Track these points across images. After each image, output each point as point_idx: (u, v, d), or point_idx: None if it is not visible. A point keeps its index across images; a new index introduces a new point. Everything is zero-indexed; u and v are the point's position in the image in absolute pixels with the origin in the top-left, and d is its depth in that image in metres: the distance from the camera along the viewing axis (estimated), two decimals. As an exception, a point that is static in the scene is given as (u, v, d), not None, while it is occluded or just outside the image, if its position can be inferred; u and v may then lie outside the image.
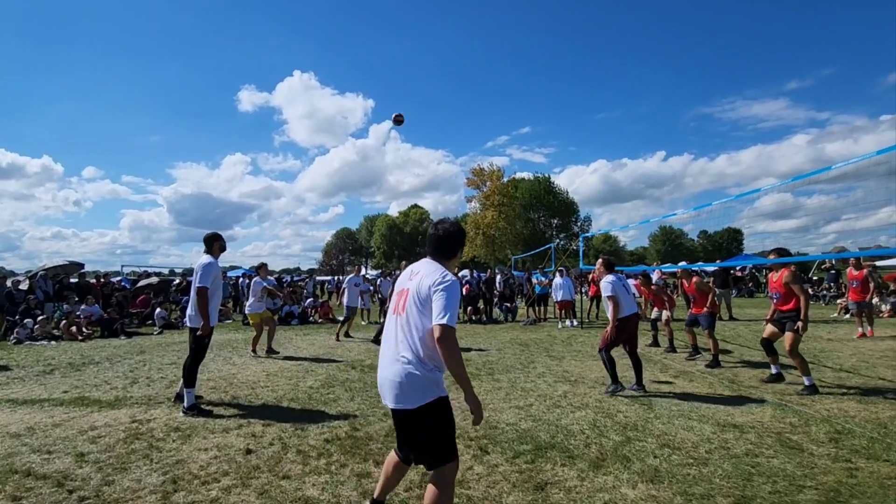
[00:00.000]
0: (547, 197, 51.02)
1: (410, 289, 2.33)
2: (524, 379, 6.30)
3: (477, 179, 44.44)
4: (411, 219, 68.13)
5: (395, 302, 2.42)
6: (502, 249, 45.59)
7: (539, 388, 5.83)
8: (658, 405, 4.97)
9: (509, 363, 7.40)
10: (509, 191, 44.43)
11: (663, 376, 6.38)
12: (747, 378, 6.20)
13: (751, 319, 12.87)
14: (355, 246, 78.26)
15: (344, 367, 7.28)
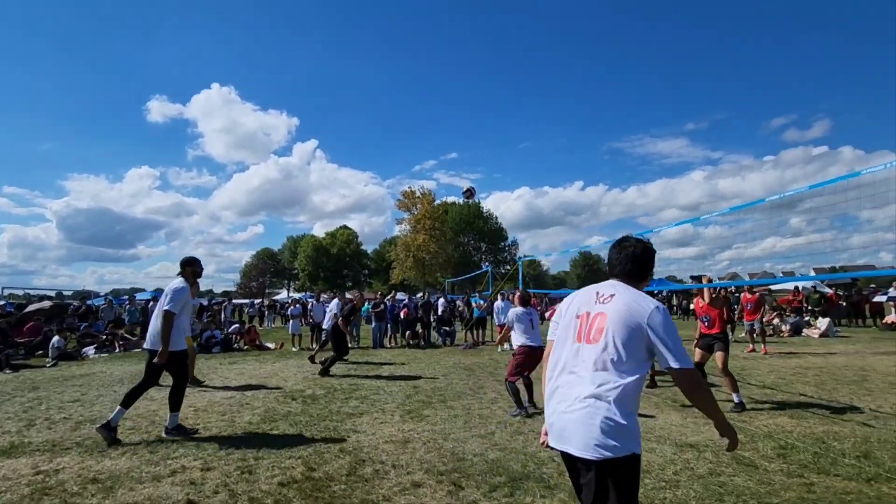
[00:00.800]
0: (477, 221, 52.24)
1: (608, 314, 1.90)
2: (479, 405, 6.15)
3: (407, 202, 44.49)
4: (339, 240, 66.46)
5: (577, 328, 1.97)
6: (432, 272, 45.69)
7: (496, 414, 5.71)
8: (615, 427, 5.04)
9: (459, 389, 7.23)
10: (440, 214, 44.90)
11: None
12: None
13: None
14: (278, 267, 74.70)
15: (283, 398, 6.70)
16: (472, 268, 48.62)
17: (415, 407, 6.07)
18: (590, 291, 2.07)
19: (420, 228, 42.92)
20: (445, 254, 44.39)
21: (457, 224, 50.95)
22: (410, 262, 42.64)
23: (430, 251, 43.07)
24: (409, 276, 45.34)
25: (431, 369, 9.25)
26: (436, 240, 42.83)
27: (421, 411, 5.85)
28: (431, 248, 42.80)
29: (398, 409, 6.00)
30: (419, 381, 7.99)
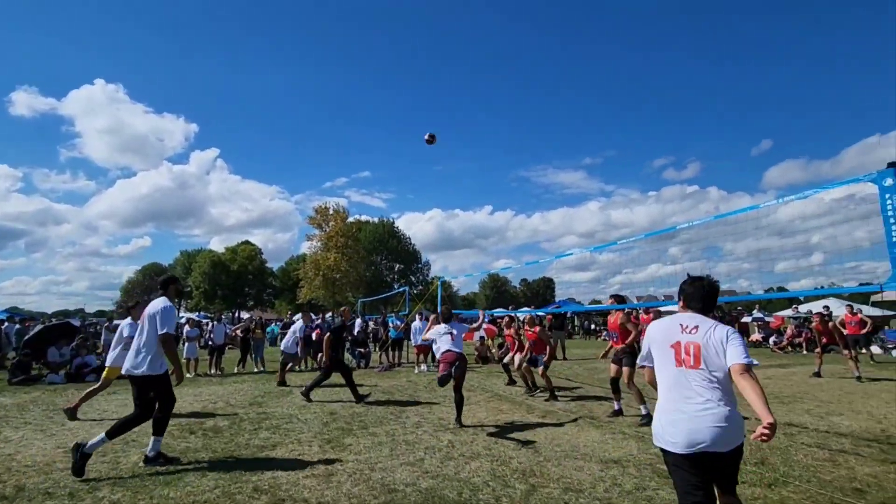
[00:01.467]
0: (390, 241, 51.81)
1: (701, 343, 2.43)
2: (402, 431, 5.88)
3: (319, 218, 42.92)
4: (240, 256, 62.07)
5: (676, 354, 2.48)
6: (342, 292, 44.25)
7: (422, 439, 5.48)
8: (542, 448, 5.06)
9: (380, 414, 6.89)
10: (353, 232, 43.90)
11: (533, 417, 6.59)
12: (601, 413, 6.80)
13: (582, 359, 14.53)
14: (168, 284, 67.86)
15: (179, 432, 5.89)
16: (384, 288, 47.95)
17: (334, 435, 5.65)
18: (674, 323, 2.61)
19: (332, 246, 41.49)
20: (357, 273, 43.29)
21: (370, 243, 50.12)
22: (319, 281, 40.91)
23: (342, 270, 41.75)
24: (317, 296, 43.46)
25: (348, 394, 8.74)
26: (348, 258, 41.64)
27: (342, 440, 5.45)
28: (343, 267, 41.50)
29: (316, 438, 5.54)
30: (336, 406, 7.50)
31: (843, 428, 5.78)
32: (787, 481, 4.01)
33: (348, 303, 48.66)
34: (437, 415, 6.82)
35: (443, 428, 6.01)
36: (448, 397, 8.14)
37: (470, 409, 7.16)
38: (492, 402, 7.77)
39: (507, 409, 7.17)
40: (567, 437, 5.53)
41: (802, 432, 5.60)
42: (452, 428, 5.99)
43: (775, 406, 7.14)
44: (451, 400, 7.88)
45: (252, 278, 61.65)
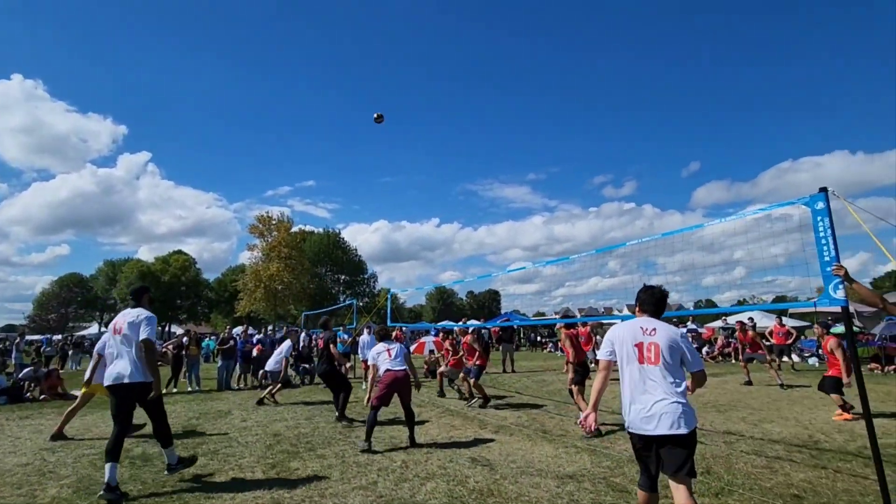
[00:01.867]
0: (336, 252, 50.57)
1: (660, 343, 2.92)
2: (353, 451, 5.61)
3: (262, 227, 41.21)
4: (172, 266, 58.32)
5: (639, 352, 2.95)
6: (284, 304, 42.62)
7: (374, 459, 5.24)
8: (497, 465, 4.98)
9: (327, 434, 6.56)
10: (297, 243, 42.51)
11: (486, 433, 6.51)
12: (553, 426, 6.85)
13: (530, 371, 14.70)
14: (88, 296, 62.51)
15: (100, 462, 5.30)
16: (329, 300, 46.65)
17: (279, 459, 5.29)
18: (634, 326, 3.07)
19: (274, 256, 39.89)
20: (300, 285, 41.85)
21: (314, 254, 48.69)
22: (260, 293, 39.12)
23: (284, 281, 40.20)
24: (257, 308, 41.52)
25: (292, 413, 8.32)
26: (291, 269, 40.17)
27: (287, 464, 5.11)
28: (285, 279, 39.96)
29: (259, 463, 5.16)
30: (279, 427, 7.07)
31: (775, 435, 6.14)
32: (731, 490, 4.15)
33: (291, 316, 46.94)
34: (389, 433, 6.59)
35: (395, 447, 5.80)
36: (399, 414, 7.92)
37: (422, 425, 6.99)
38: (444, 417, 7.63)
39: (460, 424, 7.06)
40: (521, 452, 5.49)
41: (740, 440, 5.88)
42: (405, 447, 5.79)
43: (712, 415, 7.50)
44: (403, 417, 7.69)
45: (185, 290, 58.05)
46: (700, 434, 6.15)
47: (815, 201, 3.95)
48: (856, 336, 15.84)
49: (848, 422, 6.75)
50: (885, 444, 5.17)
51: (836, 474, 4.53)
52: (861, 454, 5.16)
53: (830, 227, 3.83)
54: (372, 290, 54.19)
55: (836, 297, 3.80)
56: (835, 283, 3.78)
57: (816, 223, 3.92)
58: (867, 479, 4.32)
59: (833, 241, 3.80)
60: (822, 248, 3.87)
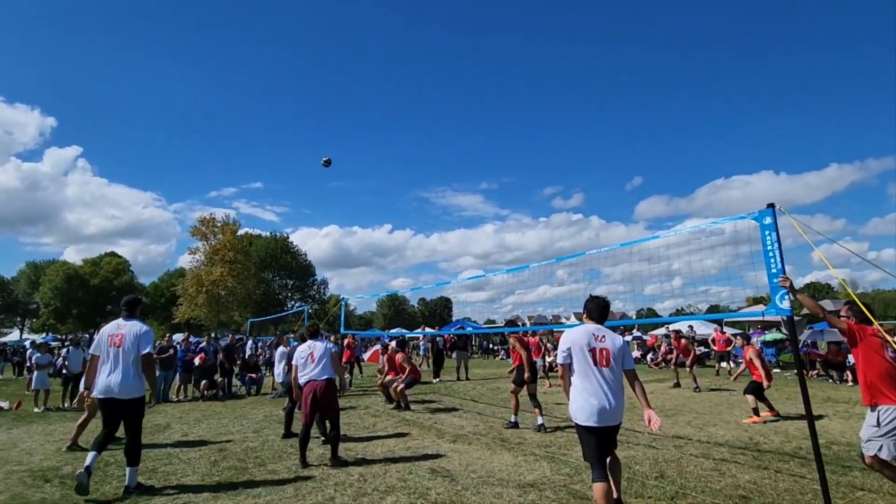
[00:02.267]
0: (284, 256, 48.87)
1: (610, 348, 3.46)
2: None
3: (205, 230, 39.26)
4: (104, 270, 54.39)
5: (594, 357, 3.43)
6: (228, 311, 40.70)
7: (329, 474, 5.01)
8: (458, 475, 4.89)
9: (278, 447, 6.23)
10: (244, 246, 40.82)
11: (444, 442, 6.41)
12: (510, 434, 6.84)
13: (484, 378, 14.74)
14: (7, 300, 57.12)
15: (31, 479, 4.79)
16: (276, 306, 45.00)
17: (226, 476, 4.95)
18: (586, 332, 3.53)
19: (217, 260, 38.05)
20: (246, 290, 40.14)
21: (261, 259, 46.86)
22: (202, 299, 37.11)
23: (228, 286, 38.40)
24: (198, 315, 39.36)
25: (238, 425, 7.87)
26: (236, 274, 38.45)
27: (235, 481, 4.79)
28: (229, 284, 38.18)
29: (204, 481, 4.81)
30: (225, 441, 6.65)
31: (719, 438, 6.43)
32: (685, 493, 4.28)
33: (234, 322, 44.86)
34: (344, 445, 6.32)
35: (351, 460, 5.57)
36: (354, 425, 7.69)
37: (377, 437, 6.80)
38: (400, 427, 7.47)
39: (417, 434, 6.92)
40: (481, 461, 5.43)
41: (688, 444, 6.11)
42: (361, 459, 5.59)
43: (661, 419, 7.77)
44: (356, 427, 7.46)
45: (117, 294, 54.22)
46: (650, 438, 6.37)
47: (764, 216, 4.18)
48: (783, 343, 17.06)
49: (756, 424, 7.24)
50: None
51: (777, 474, 4.78)
52: (797, 454, 5.49)
53: (777, 241, 4.05)
54: (322, 295, 52.83)
55: (781, 307, 4.01)
56: (781, 293, 4.00)
57: (764, 237, 4.14)
58: (804, 479, 4.58)
59: (780, 253, 4.02)
60: (770, 260, 4.09)
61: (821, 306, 3.63)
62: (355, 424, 7.76)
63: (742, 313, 8.19)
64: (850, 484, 4.45)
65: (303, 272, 50.65)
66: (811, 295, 56.57)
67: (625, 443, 6.16)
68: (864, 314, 3.62)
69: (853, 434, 6.37)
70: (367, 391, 12.32)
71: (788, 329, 4.13)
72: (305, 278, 50.79)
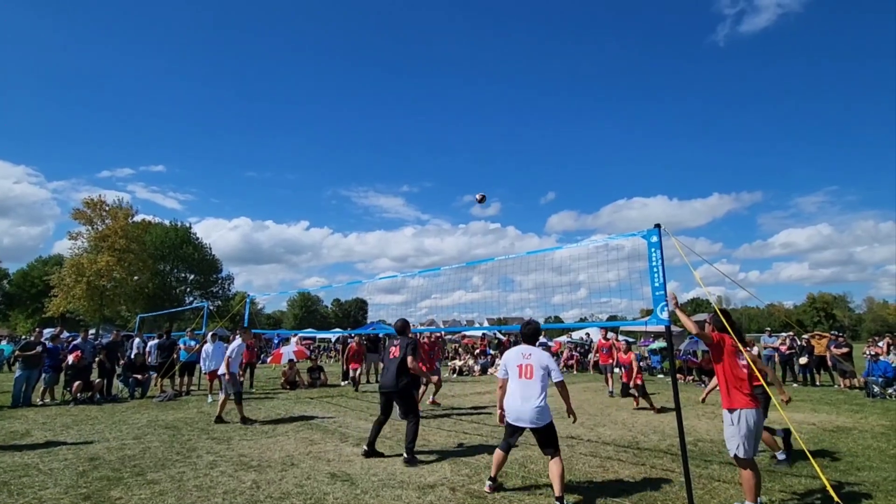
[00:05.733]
0: (185, 247, 45.08)
1: (533, 364, 4.35)
2: (193, 474, 4.96)
3: (90, 213, 35.20)
4: (-43, 251, 46.62)
5: (520, 371, 4.33)
6: (113, 305, 36.79)
7: (219, 482, 4.70)
8: (358, 479, 4.82)
9: (162, 455, 5.73)
10: (138, 234, 37.15)
11: (347, 446, 6.28)
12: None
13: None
14: None
15: None
16: (172, 301, 41.39)
17: (96, 488, 4.45)
18: (518, 351, 4.46)
19: (104, 248, 34.24)
20: (137, 283, 36.55)
21: (157, 249, 42.86)
22: (81, 290, 33.12)
23: (115, 278, 34.69)
24: (76, 307, 35.10)
25: (116, 432, 7.11)
26: (127, 264, 34.85)
27: (107, 493, 4.33)
28: (117, 275, 34.51)
29: (66, 495, 4.28)
30: (97, 449, 5.97)
31: (606, 437, 6.96)
32: (574, 487, 4.58)
33: (121, 318, 40.68)
34: (237, 451, 5.98)
35: (244, 466, 5.27)
36: (253, 429, 7.28)
37: (276, 440, 6.51)
38: (302, 431, 7.20)
39: (320, 438, 6.72)
40: (383, 464, 5.40)
41: (579, 443, 6.55)
42: (256, 465, 5.31)
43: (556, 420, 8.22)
44: (252, 432, 7.07)
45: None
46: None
47: (651, 235, 4.62)
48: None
49: (652, 422, 8.00)
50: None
51: (652, 469, 5.28)
52: (669, 451, 6.10)
53: (661, 259, 4.50)
54: (226, 292, 49.48)
55: (661, 318, 4.46)
56: (661, 305, 4.44)
57: (651, 253, 4.58)
58: (674, 472, 5.10)
59: (663, 269, 4.47)
60: (654, 275, 4.53)
61: (694, 322, 4.06)
62: (253, 429, 7.35)
63: (630, 322, 8.96)
64: (709, 476, 5.03)
65: (206, 266, 47.07)
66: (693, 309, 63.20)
67: (522, 444, 6.45)
68: (722, 325, 4.10)
69: (716, 433, 7.22)
70: (268, 394, 11.73)
71: (666, 337, 4.59)
72: (209, 273, 47.25)
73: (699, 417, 8.47)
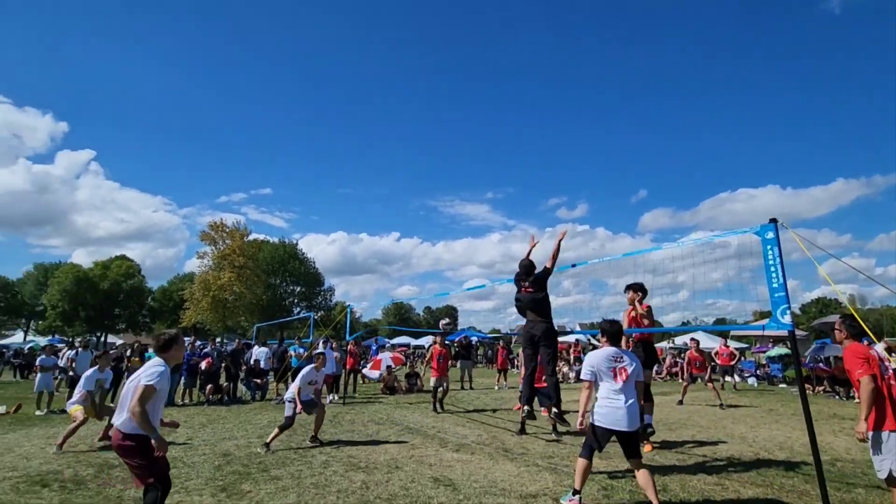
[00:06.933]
0: (292, 262, 49.17)
1: (626, 366, 4.23)
2: (309, 472, 5.39)
3: (214, 234, 39.66)
4: (112, 273, 54.79)
5: (614, 374, 4.18)
6: (234, 316, 40.94)
7: (332, 480, 5.06)
8: (460, 485, 4.91)
9: (282, 453, 6.28)
10: (253, 252, 41.12)
11: (447, 451, 6.42)
12: (513, 444, 6.85)
13: (487, 388, 14.73)
14: (12, 302, 57.67)
15: (27, 484, 4.85)
16: (282, 312, 45.18)
17: (230, 481, 5.01)
18: (607, 354, 4.27)
19: (226, 265, 38.38)
20: (253, 295, 40.39)
21: (269, 264, 47.19)
22: (207, 303, 37.35)
23: (236, 291, 38.67)
24: (204, 319, 39.64)
25: (242, 430, 7.94)
26: (243, 279, 38.73)
27: (238, 486, 4.85)
28: (237, 289, 38.47)
29: (207, 486, 4.86)
30: (228, 446, 6.71)
31: (723, 453, 6.39)
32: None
33: (241, 328, 45.04)
34: (347, 452, 6.38)
35: (354, 467, 5.61)
36: (357, 432, 7.72)
37: (381, 444, 6.84)
38: (403, 435, 7.49)
39: (420, 443, 6.94)
40: (483, 471, 5.45)
41: (692, 458, 6.09)
42: (364, 467, 5.63)
43: (664, 433, 7.75)
44: (361, 435, 7.49)
45: (125, 298, 54.69)
46: (654, 452, 6.36)
47: (766, 230, 4.22)
48: (789, 358, 16.89)
49: (777, 437, 7.15)
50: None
51: (780, 491, 4.76)
52: (801, 471, 5.45)
53: (779, 256, 4.08)
54: (328, 302, 53.00)
55: (783, 322, 4.04)
56: (782, 308, 4.02)
57: (766, 251, 4.17)
58: (808, 496, 4.56)
59: (781, 268, 4.05)
60: (772, 274, 4.12)
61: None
62: (359, 432, 7.80)
63: (744, 326, 8.07)
64: (853, 501, 4.43)
65: (311, 279, 50.89)
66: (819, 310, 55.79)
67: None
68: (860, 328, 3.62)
69: (858, 451, 6.33)
70: (370, 399, 12.34)
71: (790, 344, 4.14)
72: (313, 285, 51.01)
73: (835, 433, 7.49)
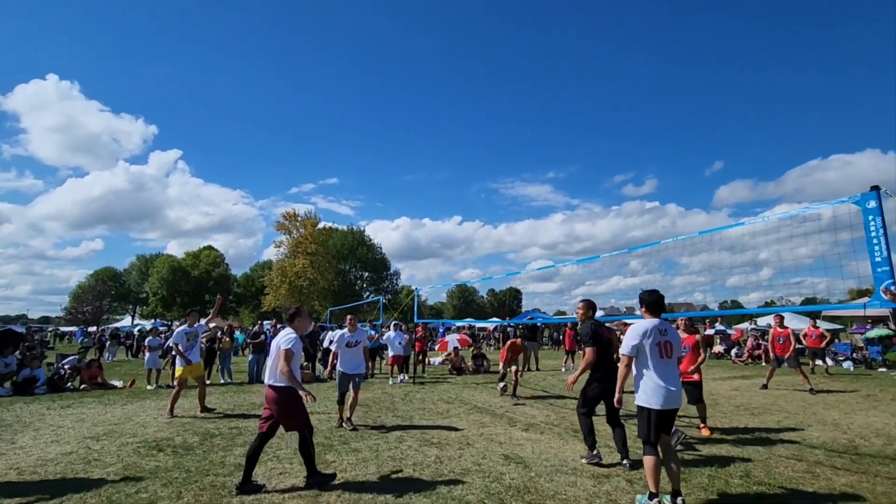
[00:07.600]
0: (360, 248, 51.13)
1: (671, 340, 3.91)
2: (386, 446, 5.70)
3: (288, 224, 42.07)
4: (203, 262, 59.91)
5: (660, 350, 3.82)
6: (309, 300, 43.34)
7: (407, 454, 5.32)
8: (531, 463, 4.99)
9: (361, 430, 6.67)
10: (323, 239, 43.15)
11: (516, 431, 6.52)
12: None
13: (554, 370, 14.65)
14: (121, 290, 64.65)
15: (146, 449, 5.53)
16: (352, 297, 47.20)
17: (316, 452, 5.40)
18: (652, 327, 3.88)
19: (300, 252, 40.67)
20: (326, 281, 42.50)
21: (339, 251, 49.34)
22: (285, 289, 39.90)
23: (309, 277, 40.90)
24: (283, 304, 42.38)
25: (323, 406, 8.47)
26: (316, 266, 40.85)
27: (323, 456, 5.24)
28: (310, 275, 40.68)
29: (296, 455, 5.27)
30: (313, 420, 7.15)
31: (814, 439, 5.98)
32: (774, 494, 4.09)
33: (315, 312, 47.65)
34: (420, 428, 6.66)
35: (427, 442, 5.86)
36: (429, 410, 8.02)
37: (451, 421, 7.07)
38: (472, 414, 7.68)
39: (489, 421, 7.09)
40: (553, 450, 5.49)
41: (778, 444, 5.75)
42: (437, 442, 5.86)
43: (746, 417, 7.36)
44: (430, 412, 7.78)
45: (213, 285, 59.56)
46: (734, 436, 6.08)
47: (867, 199, 3.85)
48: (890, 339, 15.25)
49: (874, 423, 6.54)
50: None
51: (876, 478, 4.41)
52: (907, 461, 5.00)
53: (883, 227, 3.72)
54: (395, 286, 54.62)
55: (887, 299, 3.69)
56: (887, 283, 3.68)
57: (868, 222, 3.82)
58: (915, 487, 4.19)
59: (885, 241, 3.69)
60: (874, 248, 3.77)
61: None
62: (429, 409, 8.09)
63: (839, 305, 7.30)
64: (971, 495, 4.01)
65: (378, 264, 52.67)
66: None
67: (708, 440, 5.94)
68: None
69: (980, 442, 5.68)
70: (438, 379, 12.69)
71: (894, 323, 3.78)
72: (380, 270, 52.76)
73: (951, 423, 6.73)
